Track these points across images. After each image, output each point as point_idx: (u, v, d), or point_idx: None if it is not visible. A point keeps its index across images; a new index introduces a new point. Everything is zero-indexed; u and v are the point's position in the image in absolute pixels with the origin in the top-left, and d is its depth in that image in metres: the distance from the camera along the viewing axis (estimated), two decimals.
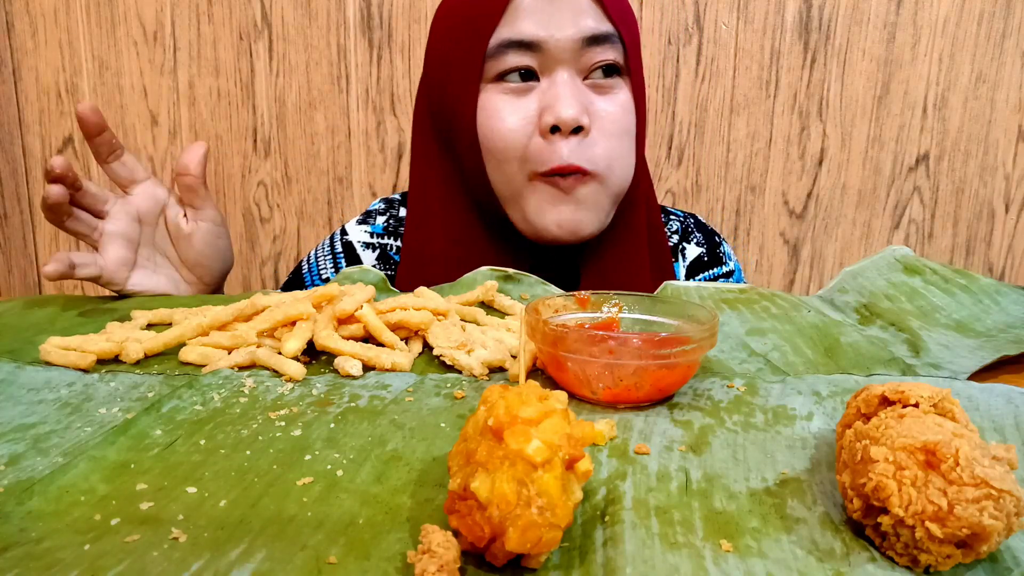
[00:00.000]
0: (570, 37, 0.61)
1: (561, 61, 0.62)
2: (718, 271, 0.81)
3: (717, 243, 0.84)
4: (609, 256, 0.69)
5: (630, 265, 0.70)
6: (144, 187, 0.65)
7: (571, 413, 0.30)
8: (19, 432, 0.37)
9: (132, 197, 0.65)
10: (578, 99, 0.61)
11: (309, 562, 0.27)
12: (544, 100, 0.62)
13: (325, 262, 0.79)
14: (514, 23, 0.62)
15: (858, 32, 1.29)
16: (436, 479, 0.34)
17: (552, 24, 0.61)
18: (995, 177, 1.35)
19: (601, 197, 0.64)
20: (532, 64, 0.62)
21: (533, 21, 0.62)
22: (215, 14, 1.34)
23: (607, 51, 0.62)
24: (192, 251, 0.67)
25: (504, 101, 0.63)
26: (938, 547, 0.26)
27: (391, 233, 0.80)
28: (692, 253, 0.82)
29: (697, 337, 0.41)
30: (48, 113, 1.41)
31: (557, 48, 0.62)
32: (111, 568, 0.26)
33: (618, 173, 0.64)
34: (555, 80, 0.62)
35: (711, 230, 0.85)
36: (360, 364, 0.47)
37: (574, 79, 0.62)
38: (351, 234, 0.80)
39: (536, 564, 0.27)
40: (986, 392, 0.44)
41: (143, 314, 0.55)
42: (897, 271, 0.67)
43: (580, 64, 0.63)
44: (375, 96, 1.36)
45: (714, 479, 0.34)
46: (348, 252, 0.79)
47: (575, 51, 0.62)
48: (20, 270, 1.49)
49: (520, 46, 0.62)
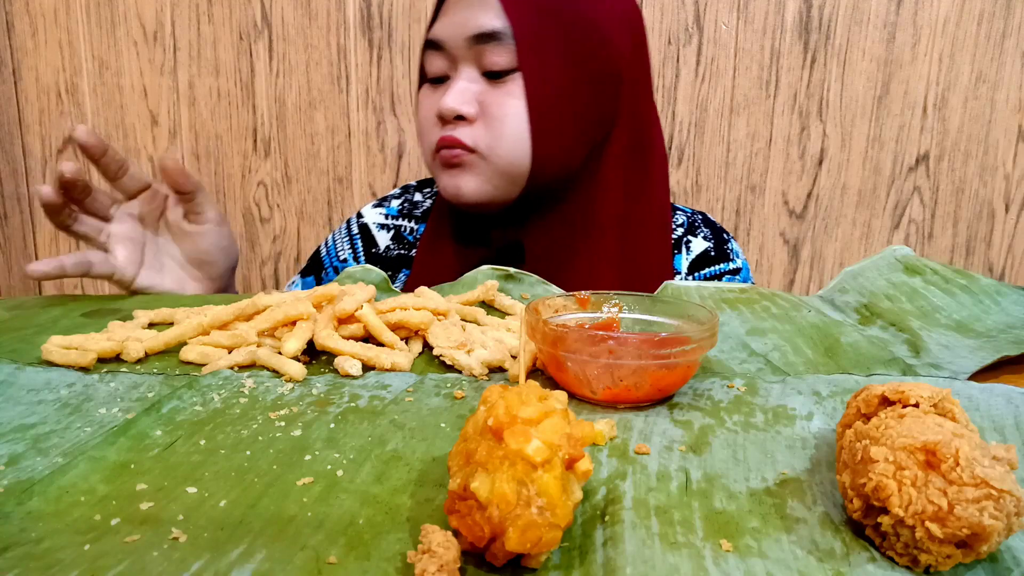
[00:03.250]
0: (461, 35, 0.67)
1: (462, 58, 0.68)
2: (724, 267, 0.82)
3: (725, 240, 0.84)
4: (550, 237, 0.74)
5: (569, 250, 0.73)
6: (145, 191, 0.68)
7: (571, 413, 0.30)
8: (19, 432, 0.37)
9: (133, 201, 0.66)
10: (465, 91, 0.67)
11: (309, 562, 0.27)
12: (442, 94, 0.69)
13: (343, 244, 0.83)
14: (435, 26, 0.70)
15: (858, 32, 1.29)
16: (436, 479, 0.33)
17: (452, 24, 0.68)
18: (995, 177, 1.35)
19: (483, 168, 0.69)
20: (442, 63, 0.69)
21: (443, 24, 0.69)
22: (215, 14, 1.34)
23: (495, 50, 0.67)
24: (196, 250, 0.69)
25: (424, 96, 0.72)
26: (938, 547, 0.26)
27: (406, 215, 0.85)
28: (698, 247, 0.83)
29: (697, 337, 0.41)
30: (48, 113, 1.41)
31: (455, 47, 0.68)
32: (111, 568, 0.26)
33: (500, 153, 0.68)
34: (455, 77, 0.69)
35: (720, 227, 0.86)
36: (360, 364, 0.47)
37: (471, 74, 0.68)
38: (366, 216, 0.85)
39: (536, 564, 0.27)
40: (986, 392, 0.44)
41: (144, 314, 0.55)
42: (897, 271, 0.67)
43: (477, 60, 0.68)
44: (375, 96, 1.36)
45: (714, 479, 0.34)
46: (364, 234, 0.84)
47: (469, 48, 0.67)
48: (20, 270, 1.49)
49: (432, 46, 0.70)
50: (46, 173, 1.43)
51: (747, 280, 0.84)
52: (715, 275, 0.82)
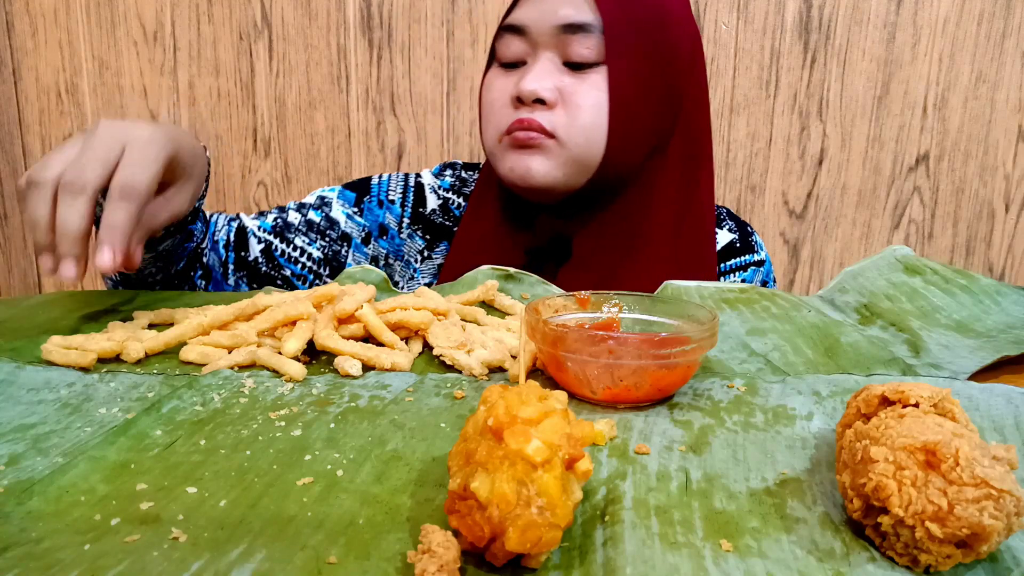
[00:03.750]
0: (548, 23, 0.68)
1: (544, 45, 0.69)
2: (749, 258, 0.85)
3: (749, 232, 0.87)
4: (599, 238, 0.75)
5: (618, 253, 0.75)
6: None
7: (571, 413, 0.30)
8: (19, 432, 0.37)
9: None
10: (547, 77, 0.68)
11: (309, 562, 0.27)
12: (519, 77, 0.70)
13: (396, 186, 0.85)
14: (518, 9, 0.71)
15: (858, 32, 1.29)
16: (436, 479, 0.34)
17: (538, 11, 0.69)
18: (995, 177, 1.35)
19: (557, 155, 0.70)
20: (522, 47, 0.70)
21: (527, 8, 0.70)
22: (215, 14, 1.34)
23: (581, 41, 0.68)
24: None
25: (496, 77, 0.73)
26: (938, 547, 0.26)
27: (455, 191, 0.87)
28: (724, 239, 0.85)
29: (697, 337, 0.41)
30: (48, 113, 1.41)
31: (539, 33, 0.69)
32: (111, 568, 0.26)
33: (577, 141, 0.69)
34: (534, 61, 0.70)
35: (743, 221, 0.88)
36: (360, 364, 0.47)
37: (552, 61, 0.69)
38: (424, 178, 0.87)
39: (536, 564, 0.27)
40: (986, 392, 0.44)
41: (144, 314, 0.55)
42: (897, 271, 0.67)
43: (560, 48, 0.69)
44: (375, 96, 1.36)
45: (714, 479, 0.34)
46: (418, 191, 0.85)
47: (555, 36, 0.68)
48: (20, 270, 1.49)
49: (512, 30, 0.70)
50: None
51: (770, 272, 0.87)
52: (741, 266, 0.84)
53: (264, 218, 0.80)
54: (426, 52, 1.33)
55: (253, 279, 0.76)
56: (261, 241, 0.77)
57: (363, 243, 0.80)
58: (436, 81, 1.34)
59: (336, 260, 0.79)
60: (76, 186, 0.48)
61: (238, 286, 0.76)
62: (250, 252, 0.77)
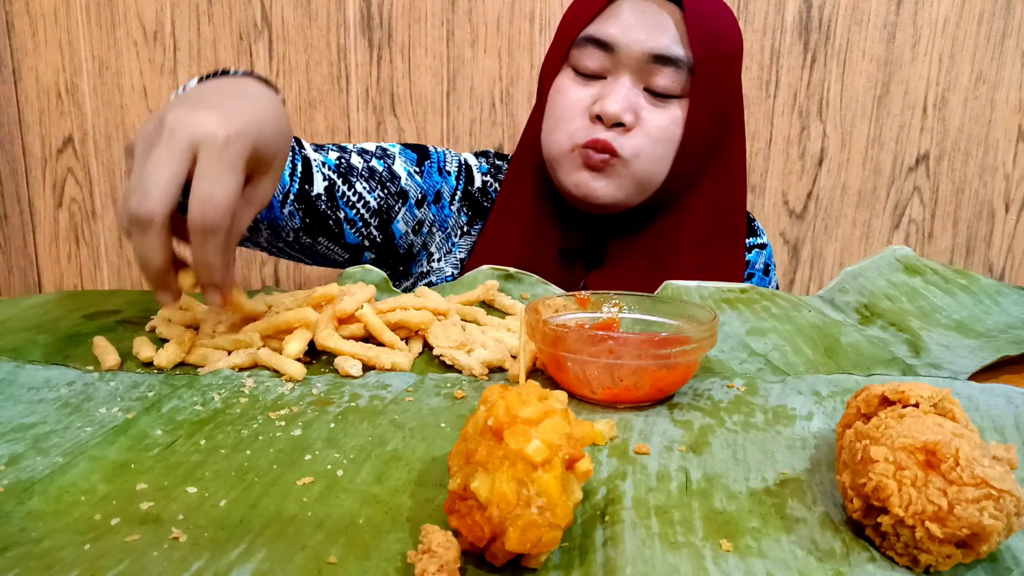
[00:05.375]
0: (640, 49, 0.69)
1: (627, 66, 0.70)
2: (753, 241, 0.87)
3: (751, 219, 0.90)
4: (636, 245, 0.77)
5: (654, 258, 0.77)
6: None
7: (571, 413, 0.30)
8: (19, 432, 0.37)
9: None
10: (628, 100, 0.69)
11: (309, 562, 0.27)
12: (600, 93, 0.71)
13: (452, 160, 0.85)
14: (603, 23, 0.71)
15: (858, 32, 1.29)
16: (436, 479, 0.34)
17: (630, 32, 0.69)
18: (995, 177, 1.35)
19: (623, 175, 0.71)
20: (605, 62, 0.71)
21: (618, 25, 0.70)
22: (215, 14, 1.34)
23: (667, 73, 0.70)
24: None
25: (572, 83, 0.73)
26: (938, 547, 0.26)
27: (492, 176, 0.88)
28: None
29: (697, 337, 0.41)
30: (48, 113, 1.40)
31: (627, 55, 0.69)
32: (111, 568, 0.26)
33: (645, 166, 0.71)
34: (616, 80, 0.70)
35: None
36: (360, 364, 0.47)
37: (634, 84, 0.70)
38: (470, 160, 0.88)
39: (536, 564, 0.27)
40: (986, 392, 0.44)
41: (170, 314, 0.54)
42: (897, 271, 0.67)
43: (643, 74, 0.70)
44: (375, 96, 1.36)
45: (714, 479, 0.34)
46: (467, 169, 0.86)
47: (643, 63, 0.69)
48: (20, 270, 1.49)
49: (598, 43, 0.71)
50: (46, 173, 1.43)
51: (771, 256, 0.89)
52: (747, 247, 0.87)
53: (325, 153, 0.74)
54: (426, 52, 1.33)
55: (309, 214, 0.70)
56: (325, 179, 0.72)
57: (416, 205, 0.79)
58: (436, 81, 1.34)
59: (388, 214, 0.77)
60: (143, 219, 0.42)
61: (292, 217, 0.69)
62: (314, 187, 0.70)
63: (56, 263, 1.48)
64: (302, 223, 0.70)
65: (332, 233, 0.73)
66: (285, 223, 0.70)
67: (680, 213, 0.77)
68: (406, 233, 0.78)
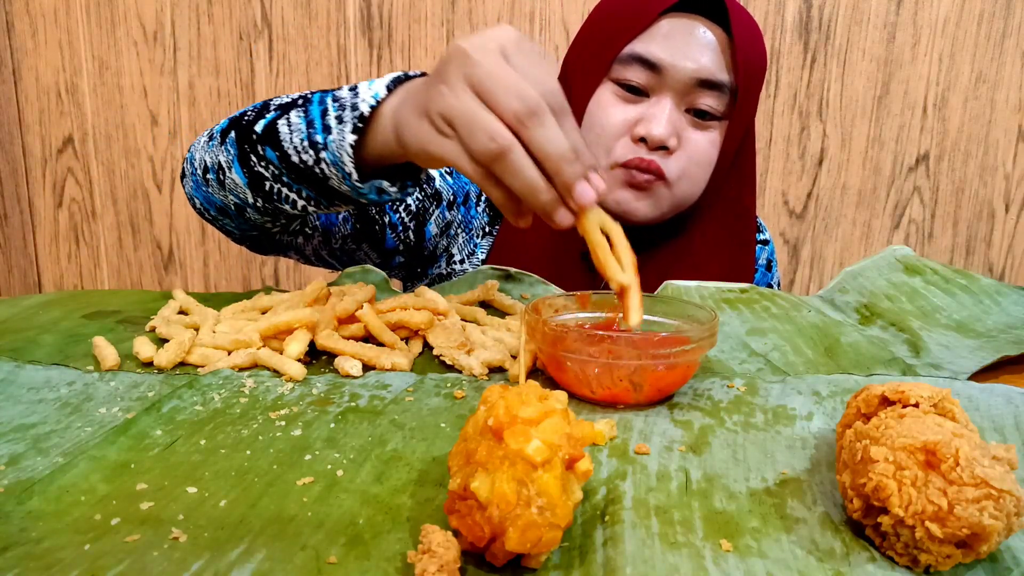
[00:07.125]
0: (687, 72, 0.69)
1: (671, 88, 0.70)
2: (757, 237, 0.87)
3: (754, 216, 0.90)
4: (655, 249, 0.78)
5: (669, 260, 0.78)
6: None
7: (571, 413, 0.30)
8: (19, 432, 0.37)
9: None
10: (672, 123, 0.70)
11: (309, 562, 0.27)
12: (644, 113, 0.70)
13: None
14: (649, 41, 0.70)
15: (858, 32, 1.29)
16: (436, 479, 0.34)
17: (678, 54, 0.69)
18: (995, 177, 1.35)
19: (663, 198, 0.72)
20: (649, 80, 0.70)
21: (664, 46, 0.69)
22: (215, 14, 1.34)
23: (711, 97, 0.70)
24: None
25: (614, 99, 0.72)
26: (938, 547, 0.26)
27: None
28: None
29: (697, 337, 0.41)
30: (48, 113, 1.40)
31: (673, 76, 0.69)
32: (111, 568, 0.26)
33: (685, 188, 0.73)
34: (659, 101, 0.70)
35: None
36: (360, 364, 0.47)
37: (676, 106, 0.70)
38: None
39: (536, 564, 0.27)
40: (986, 392, 0.44)
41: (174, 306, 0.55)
42: (897, 271, 0.67)
43: (687, 96, 0.70)
44: None
45: (714, 479, 0.34)
46: None
47: (688, 85, 0.69)
48: (20, 270, 1.49)
49: (644, 62, 0.70)
50: (46, 173, 1.43)
51: (773, 252, 0.90)
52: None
53: None
54: (426, 52, 1.33)
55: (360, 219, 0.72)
56: None
57: (448, 207, 0.79)
58: None
59: (423, 216, 0.77)
60: (532, 105, 0.40)
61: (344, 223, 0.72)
62: None
63: (56, 263, 1.48)
64: (352, 229, 0.72)
65: (375, 239, 0.74)
66: (338, 229, 0.72)
67: (697, 217, 0.78)
68: (436, 235, 0.78)
